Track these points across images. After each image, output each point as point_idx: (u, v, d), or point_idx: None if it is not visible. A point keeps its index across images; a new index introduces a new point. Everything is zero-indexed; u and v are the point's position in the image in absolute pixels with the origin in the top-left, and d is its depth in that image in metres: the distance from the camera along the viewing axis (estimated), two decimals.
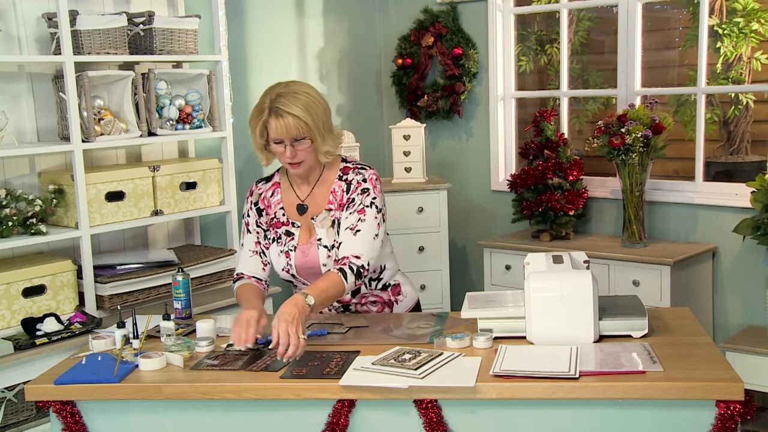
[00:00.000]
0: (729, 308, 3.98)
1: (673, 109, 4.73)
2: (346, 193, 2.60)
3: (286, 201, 2.69)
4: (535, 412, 2.05)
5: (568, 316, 2.22)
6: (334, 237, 2.58)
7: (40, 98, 3.45)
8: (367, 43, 5.07)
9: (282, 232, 2.66)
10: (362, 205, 2.57)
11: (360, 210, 2.57)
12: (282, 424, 2.15)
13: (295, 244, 2.63)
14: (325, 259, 2.58)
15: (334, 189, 2.62)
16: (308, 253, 2.61)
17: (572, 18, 4.93)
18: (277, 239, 2.66)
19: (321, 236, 2.60)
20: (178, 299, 2.74)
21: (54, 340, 3.03)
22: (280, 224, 2.67)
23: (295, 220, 2.65)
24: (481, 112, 4.80)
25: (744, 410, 1.95)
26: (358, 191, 2.59)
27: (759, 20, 4.39)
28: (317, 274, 2.59)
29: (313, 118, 2.49)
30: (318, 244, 2.60)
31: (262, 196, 2.73)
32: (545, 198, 4.13)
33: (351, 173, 2.63)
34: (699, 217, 4.04)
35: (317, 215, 2.61)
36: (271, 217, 2.69)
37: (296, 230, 2.64)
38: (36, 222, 3.22)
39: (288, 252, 2.63)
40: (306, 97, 2.50)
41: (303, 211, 2.65)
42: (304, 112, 2.47)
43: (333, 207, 2.61)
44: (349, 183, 2.61)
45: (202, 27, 3.82)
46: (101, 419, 2.22)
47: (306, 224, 2.64)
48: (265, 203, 2.71)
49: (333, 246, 2.58)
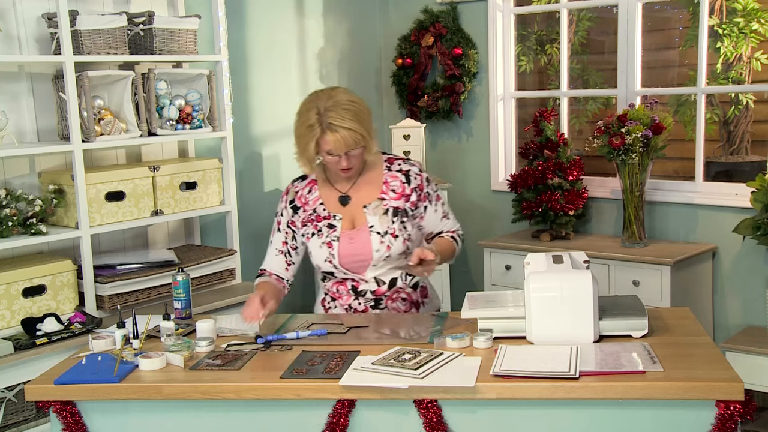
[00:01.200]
0: (729, 308, 3.98)
1: (673, 109, 4.73)
2: (407, 184, 2.71)
3: (326, 196, 2.75)
4: (535, 412, 2.05)
5: (568, 316, 2.22)
6: (387, 224, 2.67)
7: (40, 98, 3.45)
8: (367, 43, 5.07)
9: (323, 225, 2.72)
10: (435, 193, 2.78)
11: (437, 197, 2.78)
12: (282, 424, 2.15)
13: (338, 234, 2.69)
14: (378, 244, 2.66)
15: (386, 180, 2.72)
16: (357, 240, 2.67)
17: (572, 18, 4.93)
18: (318, 232, 2.72)
19: (373, 223, 2.68)
20: (178, 299, 2.74)
21: (54, 340, 3.03)
22: (320, 218, 2.73)
23: (337, 213, 2.72)
24: (481, 112, 4.80)
25: (744, 410, 1.95)
26: (425, 182, 2.75)
27: (759, 20, 4.39)
28: (363, 261, 2.67)
29: (365, 127, 2.58)
30: (370, 231, 2.67)
31: (298, 194, 2.79)
32: (545, 198, 4.14)
33: (401, 164, 2.75)
34: (699, 217, 4.04)
35: (369, 204, 2.69)
36: (309, 213, 2.75)
37: (338, 222, 2.70)
38: (36, 222, 3.22)
39: (331, 242, 2.69)
40: (354, 107, 2.57)
41: (346, 202, 2.72)
42: (356, 124, 2.55)
43: (387, 197, 2.70)
44: (407, 174, 2.72)
45: (202, 27, 3.82)
46: (101, 419, 2.22)
47: (348, 215, 2.71)
48: (301, 201, 2.77)
49: (386, 233, 2.66)
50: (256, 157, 4.48)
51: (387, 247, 2.65)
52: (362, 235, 2.67)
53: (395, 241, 2.66)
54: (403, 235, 2.67)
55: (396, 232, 2.66)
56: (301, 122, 2.59)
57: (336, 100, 2.56)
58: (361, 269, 2.69)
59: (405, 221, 2.69)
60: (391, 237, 2.66)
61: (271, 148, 4.55)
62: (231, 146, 3.86)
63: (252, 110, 4.44)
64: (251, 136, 4.44)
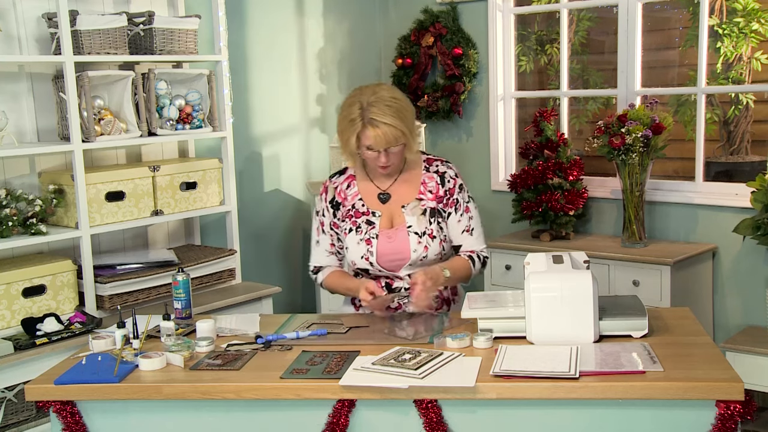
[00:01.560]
0: (729, 308, 3.98)
1: (673, 109, 4.73)
2: (441, 185, 2.71)
3: (365, 191, 2.75)
4: (535, 412, 2.05)
5: (568, 316, 2.22)
6: (425, 225, 2.67)
7: (40, 98, 3.45)
8: (367, 43, 5.07)
9: (362, 221, 2.71)
10: (465, 203, 2.74)
11: (466, 209, 2.74)
12: (282, 424, 2.15)
13: (376, 232, 2.68)
14: (416, 245, 2.66)
15: (424, 180, 2.72)
16: (395, 239, 2.67)
17: (572, 18, 4.93)
18: (356, 228, 2.71)
19: (411, 223, 2.68)
20: (178, 299, 2.74)
21: (54, 340, 3.03)
22: (359, 214, 2.73)
23: (376, 210, 2.71)
24: (481, 112, 4.80)
25: (744, 410, 1.95)
26: (457, 189, 2.74)
27: (759, 20, 4.39)
28: (400, 260, 2.67)
29: (406, 124, 2.58)
30: (408, 231, 2.67)
31: (337, 189, 2.79)
32: (545, 198, 4.14)
33: (439, 165, 2.76)
34: (699, 217, 4.04)
35: (407, 204, 2.69)
36: (347, 209, 2.75)
37: (377, 219, 2.70)
38: (36, 222, 3.22)
39: (369, 239, 2.69)
40: (396, 104, 2.57)
41: (386, 199, 2.72)
42: (398, 121, 2.55)
43: (425, 198, 2.70)
44: (442, 175, 2.73)
45: (202, 27, 3.82)
46: (101, 419, 2.22)
47: (387, 213, 2.71)
48: (341, 196, 2.77)
49: (424, 233, 2.66)
50: (256, 157, 4.48)
51: (425, 248, 2.66)
52: (401, 235, 2.67)
53: (433, 242, 2.66)
54: (440, 236, 2.68)
55: (434, 233, 2.67)
56: (344, 116, 2.61)
57: (379, 95, 2.57)
58: (396, 268, 2.69)
59: (441, 222, 2.70)
60: (429, 238, 2.66)
61: (271, 148, 4.55)
62: (231, 146, 3.86)
63: (252, 110, 4.44)
64: (251, 136, 4.44)
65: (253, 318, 2.71)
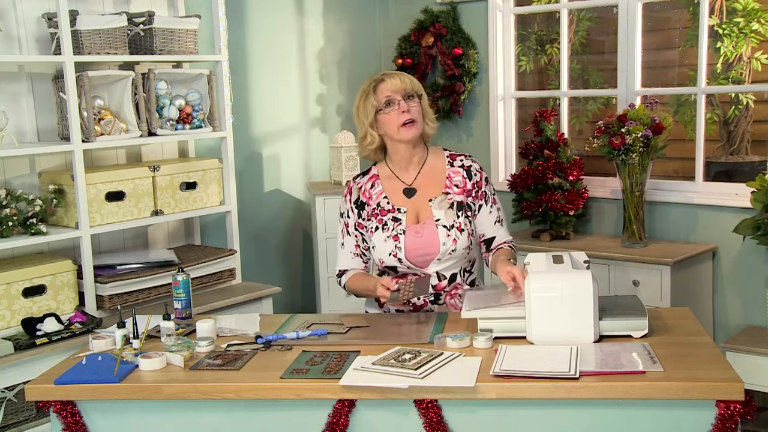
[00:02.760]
0: (729, 308, 3.98)
1: (673, 109, 4.73)
2: (468, 179, 2.74)
3: (390, 189, 2.77)
4: (535, 412, 2.05)
5: (568, 316, 2.22)
6: (453, 218, 2.68)
7: (40, 98, 3.45)
8: (367, 43, 5.07)
9: (388, 218, 2.72)
10: (493, 195, 2.80)
11: (493, 201, 2.80)
12: (282, 424, 2.15)
13: (403, 228, 2.70)
14: (444, 238, 2.67)
15: (449, 175, 2.74)
16: (423, 233, 2.68)
17: (572, 18, 4.93)
18: (383, 226, 2.72)
19: (439, 217, 2.69)
20: (178, 299, 2.74)
21: (54, 340, 3.03)
22: (385, 212, 2.74)
23: (401, 206, 2.73)
24: (481, 112, 4.80)
25: (744, 410, 1.95)
26: (484, 181, 2.78)
27: (759, 20, 4.39)
28: (429, 254, 2.67)
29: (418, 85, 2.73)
30: (437, 224, 2.68)
31: (362, 189, 2.80)
32: (545, 198, 4.14)
33: (464, 159, 2.79)
34: (699, 217, 4.04)
35: (434, 198, 2.71)
36: (373, 208, 2.76)
37: (403, 215, 2.72)
38: (36, 222, 3.22)
39: (397, 236, 2.69)
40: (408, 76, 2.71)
41: (411, 194, 2.74)
42: (410, 78, 2.71)
43: (452, 191, 2.72)
44: (468, 169, 2.76)
45: (202, 27, 3.82)
46: (101, 419, 2.22)
47: (413, 208, 2.72)
48: (365, 195, 2.79)
49: (452, 226, 2.67)
50: (256, 157, 4.48)
51: (453, 241, 2.66)
52: (429, 229, 2.68)
53: (461, 235, 2.67)
54: (468, 229, 2.69)
55: (462, 226, 2.68)
56: (359, 97, 2.72)
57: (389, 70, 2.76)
58: (425, 264, 2.69)
59: (468, 216, 2.71)
60: (458, 231, 2.67)
61: (271, 148, 4.55)
62: (231, 146, 3.86)
63: (252, 110, 4.44)
64: (251, 136, 4.44)
65: (253, 318, 2.71)
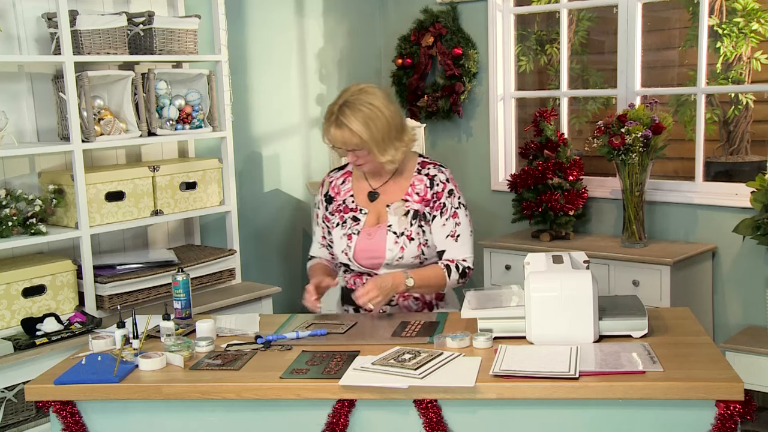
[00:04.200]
0: (729, 308, 3.98)
1: (673, 109, 4.73)
2: (429, 189, 2.70)
3: (357, 189, 2.78)
4: (535, 412, 2.05)
5: (568, 316, 2.22)
6: (405, 226, 2.67)
7: (40, 98, 3.45)
8: (367, 43, 5.07)
9: (349, 217, 2.74)
10: (453, 209, 2.70)
11: (453, 214, 2.69)
12: (282, 424, 2.15)
13: (359, 228, 2.71)
14: (392, 244, 2.67)
15: (413, 182, 2.72)
16: (374, 236, 2.69)
17: (572, 18, 4.93)
18: (342, 223, 2.74)
19: (392, 223, 2.69)
20: (178, 299, 2.74)
21: (54, 340, 3.03)
22: (348, 210, 2.76)
23: (364, 207, 2.74)
24: (481, 112, 4.80)
25: (744, 410, 1.95)
26: (446, 193, 2.70)
27: (759, 20, 4.39)
28: (377, 258, 2.68)
29: (371, 132, 2.56)
30: (387, 230, 2.68)
31: (332, 184, 2.83)
32: (545, 198, 4.14)
33: (431, 168, 2.73)
34: (699, 217, 4.04)
35: (392, 203, 2.70)
36: (339, 203, 2.78)
37: (363, 216, 2.73)
38: (36, 222, 3.22)
39: (351, 235, 2.71)
40: (368, 110, 2.56)
41: (374, 197, 2.74)
42: (361, 127, 2.54)
43: (411, 199, 2.70)
44: (432, 179, 2.71)
45: (202, 27, 3.82)
46: (101, 419, 2.22)
47: (374, 211, 2.73)
48: (335, 191, 2.81)
49: (402, 234, 2.66)
50: (256, 157, 4.48)
51: (401, 249, 2.66)
52: (380, 234, 2.68)
53: (410, 243, 2.66)
54: (419, 239, 2.67)
55: (412, 235, 2.67)
56: (329, 106, 2.65)
57: (358, 97, 2.58)
58: (375, 266, 2.70)
59: (423, 225, 2.69)
60: (407, 239, 2.66)
61: (271, 148, 4.55)
62: (231, 146, 3.86)
63: (252, 110, 4.44)
64: (251, 136, 4.44)
65: (253, 318, 2.70)
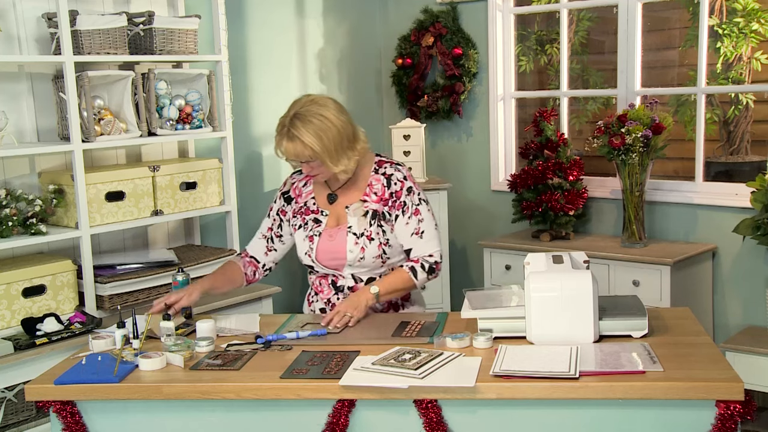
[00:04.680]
0: (729, 308, 3.98)
1: (673, 109, 4.73)
2: (387, 188, 2.69)
3: (318, 191, 2.80)
4: (535, 412, 2.05)
5: (568, 316, 2.22)
6: (365, 226, 2.67)
7: (40, 98, 3.45)
8: (367, 43, 5.07)
9: (310, 218, 2.76)
10: (414, 206, 2.70)
11: (415, 212, 2.69)
12: (282, 424, 2.15)
13: (320, 230, 2.72)
14: (352, 245, 2.67)
15: (371, 182, 2.71)
16: (335, 238, 2.70)
17: (572, 18, 4.93)
18: (304, 225, 2.76)
19: (352, 224, 2.69)
20: None
21: (54, 340, 3.03)
22: (309, 212, 2.77)
23: (324, 209, 2.75)
24: (481, 112, 4.80)
25: (744, 410, 1.95)
26: (405, 191, 2.69)
27: (759, 20, 4.39)
28: (339, 259, 2.69)
29: (323, 143, 2.55)
30: (348, 231, 2.69)
31: (294, 185, 2.85)
32: (545, 198, 4.14)
33: (388, 167, 2.72)
34: (699, 217, 4.04)
35: (350, 204, 2.71)
36: (300, 206, 2.80)
37: (324, 218, 2.74)
38: (36, 222, 3.22)
39: (312, 237, 2.73)
40: (319, 122, 2.55)
41: (333, 200, 2.75)
42: (313, 139, 2.54)
43: (368, 199, 2.70)
44: (389, 177, 2.70)
45: (202, 27, 3.82)
46: (101, 419, 2.22)
47: (335, 213, 2.74)
48: (296, 192, 2.83)
49: (362, 234, 2.67)
50: (256, 157, 4.48)
51: (361, 249, 2.66)
52: (340, 235, 2.70)
53: (370, 244, 2.66)
54: (379, 239, 2.67)
55: (372, 235, 2.67)
56: (280, 118, 2.63)
57: (308, 109, 2.57)
58: (338, 267, 2.72)
59: (383, 225, 2.68)
60: (367, 239, 2.67)
61: (271, 148, 4.51)
62: (231, 146, 3.86)
63: (252, 110, 4.44)
64: (251, 136, 4.44)
65: (253, 318, 2.70)
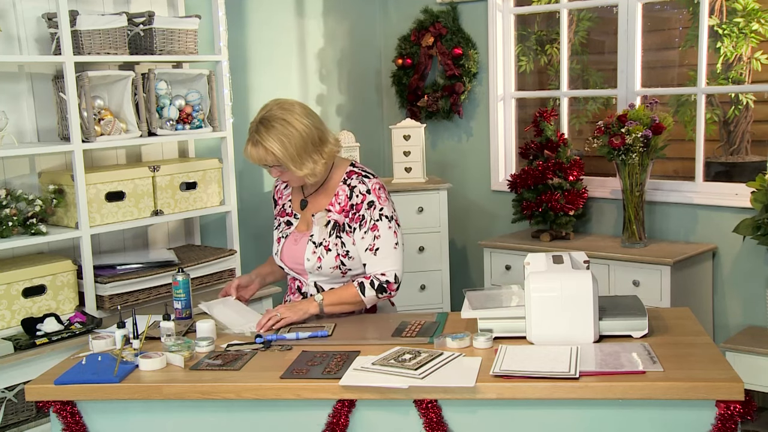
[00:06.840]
0: (729, 308, 3.98)
1: (673, 109, 4.72)
2: (349, 199, 2.67)
3: (294, 195, 2.83)
4: (535, 412, 2.05)
5: (568, 316, 2.22)
6: (324, 236, 2.67)
7: (40, 98, 3.45)
8: (367, 43, 5.07)
9: (284, 220, 2.81)
10: (373, 221, 2.63)
11: (372, 227, 2.63)
12: (282, 424, 2.15)
13: (289, 232, 2.76)
14: (310, 254, 2.68)
15: (337, 192, 2.70)
16: (299, 243, 2.73)
17: (572, 18, 4.93)
18: (278, 226, 2.82)
19: (314, 233, 2.69)
20: (178, 299, 2.74)
21: (54, 340, 3.03)
22: (285, 214, 2.82)
23: (297, 212, 2.79)
24: (481, 112, 4.80)
25: (744, 410, 1.95)
26: (365, 205, 2.64)
27: (759, 20, 4.39)
28: (300, 264, 2.71)
29: (285, 148, 2.54)
30: (309, 239, 2.70)
31: (277, 188, 2.91)
32: (545, 198, 4.14)
33: (354, 179, 2.68)
34: (699, 217, 4.04)
35: (316, 213, 2.71)
36: (280, 207, 2.85)
37: (296, 221, 2.78)
38: (36, 222, 3.22)
39: (280, 238, 2.78)
40: (281, 127, 2.54)
41: (304, 205, 2.78)
42: (275, 144, 2.54)
43: (332, 209, 2.69)
44: (352, 189, 2.67)
45: (202, 27, 3.82)
46: (101, 419, 2.22)
47: (305, 218, 2.77)
48: (278, 194, 2.89)
49: (320, 244, 2.66)
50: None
51: (318, 259, 2.66)
52: (303, 241, 2.71)
53: (327, 254, 2.65)
54: (337, 250, 2.64)
55: (330, 245, 2.65)
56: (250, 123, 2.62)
57: (273, 114, 2.56)
58: (302, 273, 2.73)
59: (342, 237, 2.66)
60: (324, 249, 2.65)
61: None
62: (231, 146, 3.86)
63: (252, 110, 4.43)
64: None
65: (251, 312, 2.71)
